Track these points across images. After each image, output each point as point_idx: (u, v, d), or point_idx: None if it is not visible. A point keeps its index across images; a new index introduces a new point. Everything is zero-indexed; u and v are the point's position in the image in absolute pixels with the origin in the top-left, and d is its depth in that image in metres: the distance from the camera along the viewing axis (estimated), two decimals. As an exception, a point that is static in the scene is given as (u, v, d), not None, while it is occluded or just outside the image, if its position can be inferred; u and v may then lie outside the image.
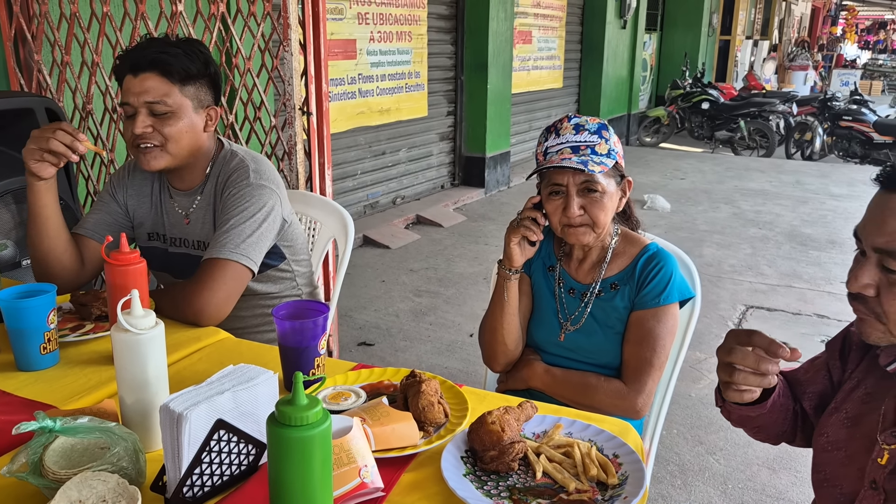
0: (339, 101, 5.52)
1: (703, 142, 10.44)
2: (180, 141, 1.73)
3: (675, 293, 1.58)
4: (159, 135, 1.71)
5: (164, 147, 1.72)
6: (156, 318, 1.17)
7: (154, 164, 1.74)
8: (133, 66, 1.69)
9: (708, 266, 4.96)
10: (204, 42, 1.92)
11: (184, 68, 1.70)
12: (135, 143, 1.71)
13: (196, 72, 1.73)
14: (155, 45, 1.71)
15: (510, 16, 7.18)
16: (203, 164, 1.83)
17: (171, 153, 1.74)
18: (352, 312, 4.17)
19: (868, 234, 1.00)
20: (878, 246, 0.97)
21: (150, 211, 1.90)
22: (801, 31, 23.33)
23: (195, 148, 1.78)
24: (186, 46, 1.74)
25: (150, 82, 1.68)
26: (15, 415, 1.22)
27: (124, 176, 1.92)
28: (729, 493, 2.56)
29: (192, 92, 1.73)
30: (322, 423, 0.87)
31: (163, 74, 1.68)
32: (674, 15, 12.56)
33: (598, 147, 1.52)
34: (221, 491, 1.05)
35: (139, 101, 1.68)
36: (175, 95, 1.70)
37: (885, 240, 0.96)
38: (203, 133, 1.79)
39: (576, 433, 1.22)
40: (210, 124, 1.80)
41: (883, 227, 0.97)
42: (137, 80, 1.68)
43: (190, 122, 1.74)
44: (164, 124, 1.70)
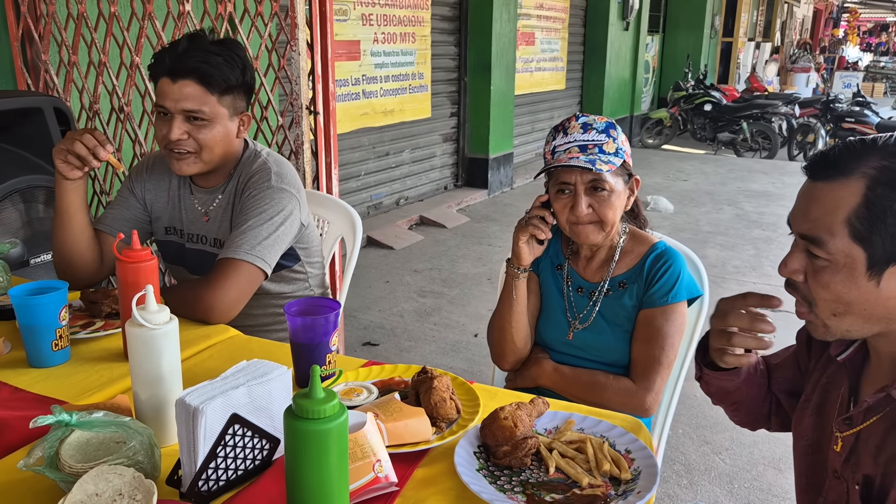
0: (342, 101, 5.53)
1: (705, 143, 10.44)
2: (214, 148, 1.74)
3: (683, 291, 1.58)
4: (194, 142, 1.71)
5: (198, 154, 1.73)
6: (170, 314, 1.17)
7: (186, 170, 1.75)
8: (172, 70, 1.66)
9: (712, 267, 4.96)
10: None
11: (224, 79, 1.69)
12: (168, 147, 1.71)
13: (235, 82, 1.72)
14: (196, 51, 1.67)
15: (513, 17, 7.19)
16: (229, 165, 1.84)
17: (204, 160, 1.75)
18: (356, 313, 4.17)
19: (794, 221, 1.03)
20: (803, 232, 1.00)
21: (168, 205, 1.91)
22: (804, 33, 23.34)
23: (227, 154, 1.80)
24: (226, 52, 1.71)
25: (189, 90, 1.67)
26: (28, 410, 1.22)
27: (143, 170, 1.93)
28: (735, 492, 2.56)
29: (229, 101, 1.73)
30: (339, 417, 0.88)
31: (202, 84, 1.67)
32: (676, 17, 12.58)
33: (605, 146, 1.52)
34: (236, 485, 1.06)
35: (177, 107, 1.67)
36: (213, 105, 1.69)
37: (808, 226, 0.99)
38: (235, 139, 1.80)
39: (588, 429, 1.23)
40: (243, 130, 1.80)
41: (807, 215, 1.00)
42: (176, 86, 1.66)
43: (224, 130, 1.74)
44: (200, 131, 1.70)
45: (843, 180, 0.96)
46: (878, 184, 0.94)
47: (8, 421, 1.20)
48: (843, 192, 0.96)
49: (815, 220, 0.98)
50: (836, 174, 0.97)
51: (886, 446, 1.00)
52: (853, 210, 0.95)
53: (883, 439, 1.01)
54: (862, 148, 0.97)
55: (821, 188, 0.99)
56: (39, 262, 2.40)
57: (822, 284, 0.99)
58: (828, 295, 0.99)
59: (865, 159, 0.96)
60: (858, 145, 0.98)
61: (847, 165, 0.97)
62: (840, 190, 0.96)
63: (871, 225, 0.94)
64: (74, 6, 2.84)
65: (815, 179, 1.01)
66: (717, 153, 10.12)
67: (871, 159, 0.95)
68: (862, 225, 0.95)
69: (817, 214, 0.98)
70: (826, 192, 0.98)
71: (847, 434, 1.07)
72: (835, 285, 0.98)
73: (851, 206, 0.95)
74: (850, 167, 0.96)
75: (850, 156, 0.97)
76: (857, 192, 0.95)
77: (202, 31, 1.77)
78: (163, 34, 2.69)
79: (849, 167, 0.96)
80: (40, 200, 2.39)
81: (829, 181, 0.98)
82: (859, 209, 0.95)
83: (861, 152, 0.97)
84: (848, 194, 0.96)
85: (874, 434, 1.03)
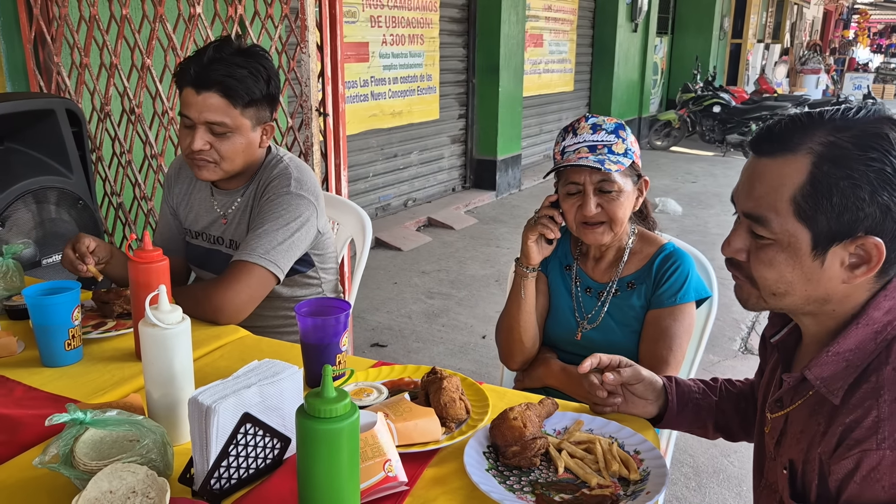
0: (351, 103, 5.54)
1: (714, 145, 10.41)
2: (235, 159, 1.75)
3: (691, 292, 1.58)
4: (216, 152, 1.72)
5: (218, 164, 1.74)
6: (182, 314, 1.18)
7: (207, 176, 1.77)
8: (196, 81, 1.67)
9: (720, 269, 4.92)
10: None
11: (247, 92, 1.69)
12: (190, 155, 1.73)
13: (259, 95, 1.72)
14: (220, 63, 1.67)
15: (522, 19, 7.19)
16: (251, 170, 1.85)
17: (225, 169, 1.76)
18: (364, 314, 4.19)
19: (738, 199, 1.00)
20: (747, 211, 0.97)
21: (192, 209, 1.94)
22: (813, 34, 23.25)
23: (249, 163, 1.81)
24: (251, 64, 1.70)
25: (213, 101, 1.67)
26: (42, 409, 1.23)
27: (171, 180, 1.98)
28: (744, 495, 2.55)
29: (252, 113, 1.73)
30: (350, 416, 0.88)
31: (226, 97, 1.67)
32: (685, 18, 12.55)
33: (614, 146, 1.53)
34: (247, 484, 1.07)
35: (200, 117, 1.68)
36: (236, 117, 1.70)
37: (751, 204, 0.96)
38: (258, 149, 1.80)
39: (596, 430, 1.23)
40: (265, 139, 1.81)
41: (751, 192, 0.97)
42: (200, 97, 1.67)
43: (247, 141, 1.75)
44: (222, 142, 1.71)
45: (789, 156, 0.93)
46: (824, 160, 0.90)
47: (22, 419, 1.21)
48: (788, 168, 0.92)
49: (760, 199, 0.95)
50: (781, 149, 0.94)
51: (807, 431, 0.98)
52: (798, 188, 0.91)
53: (805, 424, 0.99)
54: (808, 122, 0.93)
55: (766, 164, 0.95)
56: (51, 263, 2.42)
57: (766, 263, 0.96)
58: (771, 274, 0.97)
59: (812, 134, 0.92)
60: (805, 119, 0.94)
61: (793, 140, 0.93)
62: (785, 166, 0.93)
63: (815, 203, 0.90)
64: (86, 9, 2.86)
65: (760, 155, 0.97)
66: (726, 155, 10.09)
67: (818, 134, 0.91)
68: (807, 203, 0.91)
69: (761, 192, 0.95)
70: (771, 168, 0.94)
71: (776, 416, 1.05)
72: (778, 264, 0.95)
73: (797, 183, 0.91)
74: (796, 142, 0.92)
75: (796, 130, 0.93)
76: (802, 170, 0.91)
77: (228, 38, 1.76)
78: (174, 36, 2.71)
79: (794, 142, 0.92)
80: (52, 201, 2.41)
81: (774, 157, 0.94)
82: (805, 187, 0.91)
83: (807, 126, 0.93)
84: (793, 171, 0.92)
85: (798, 418, 1.01)
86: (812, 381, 0.96)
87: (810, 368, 0.96)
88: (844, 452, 0.89)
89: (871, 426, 0.87)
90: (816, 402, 0.97)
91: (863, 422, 0.88)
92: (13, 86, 3.00)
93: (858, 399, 0.91)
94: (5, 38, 2.95)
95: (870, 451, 0.86)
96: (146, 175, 3.09)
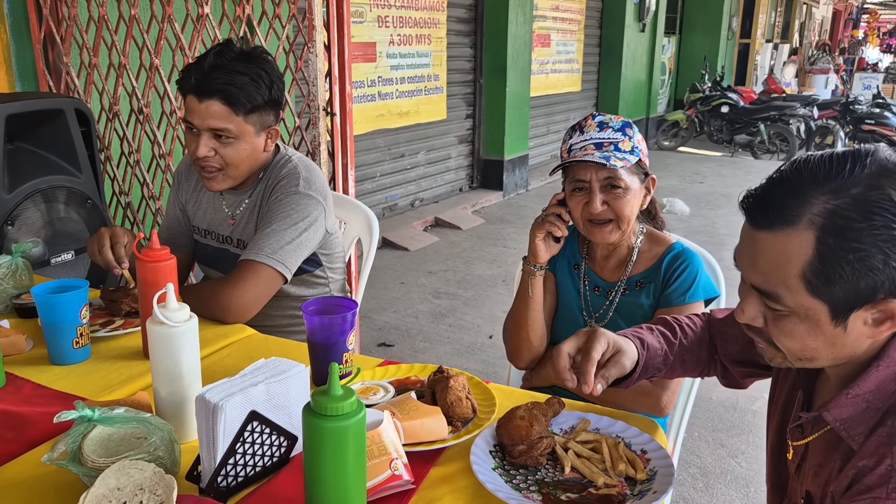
0: (358, 103, 5.55)
1: (722, 145, 10.38)
2: (240, 165, 1.76)
3: (700, 291, 1.58)
4: (220, 158, 1.73)
5: (224, 171, 1.75)
6: (189, 312, 1.19)
7: (215, 187, 1.78)
8: (197, 89, 1.67)
9: (728, 269, 4.89)
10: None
11: (249, 100, 1.69)
12: (196, 163, 1.74)
13: (261, 101, 1.72)
14: (221, 70, 1.66)
15: (529, 19, 7.19)
16: (258, 171, 1.85)
17: (232, 176, 1.77)
18: (371, 314, 4.19)
19: (744, 269, 0.94)
20: (755, 285, 0.92)
21: (200, 207, 1.95)
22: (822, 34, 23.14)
23: (254, 167, 1.81)
24: (252, 70, 1.69)
25: (215, 109, 1.67)
26: (50, 406, 1.24)
27: (181, 177, 2.00)
28: (751, 496, 2.54)
29: (255, 118, 1.73)
30: (357, 414, 0.88)
31: (228, 105, 1.67)
32: (693, 18, 12.52)
33: (621, 144, 1.53)
34: (254, 482, 1.07)
35: (203, 124, 1.69)
36: (239, 124, 1.70)
37: (759, 279, 0.91)
38: (263, 152, 1.81)
39: (603, 429, 1.23)
40: (270, 143, 1.81)
41: (755, 266, 0.91)
42: (202, 105, 1.67)
43: (251, 146, 1.75)
44: (226, 148, 1.72)
45: (788, 230, 0.86)
46: (828, 234, 0.84)
47: (31, 417, 1.22)
48: (790, 244, 0.86)
49: (767, 275, 0.90)
50: (779, 223, 0.87)
51: (825, 466, 0.96)
52: (806, 265, 0.86)
53: (823, 458, 0.97)
54: (801, 186, 0.87)
55: (765, 239, 0.89)
56: (60, 262, 2.43)
57: (786, 333, 0.92)
58: (794, 344, 0.93)
59: (808, 202, 0.85)
60: (796, 182, 0.87)
61: (789, 212, 0.86)
62: (787, 242, 0.87)
63: (827, 279, 0.85)
64: (95, 9, 2.88)
65: (756, 227, 0.90)
66: (734, 155, 10.06)
67: (815, 202, 0.85)
68: (818, 280, 0.86)
69: (768, 269, 0.90)
70: (773, 243, 0.88)
71: (798, 444, 1.03)
72: (799, 335, 0.91)
73: (804, 260, 0.86)
74: (794, 214, 0.86)
75: (790, 199, 0.87)
76: (807, 245, 0.85)
77: (230, 42, 1.76)
78: (182, 36, 2.72)
79: (792, 214, 0.86)
80: (61, 201, 2.42)
81: (772, 230, 0.88)
82: (813, 264, 0.85)
83: (801, 192, 0.86)
84: (797, 247, 0.86)
85: (817, 451, 0.99)
86: (831, 423, 0.94)
87: (829, 410, 0.93)
88: (855, 496, 0.87)
89: (884, 474, 0.85)
90: (835, 437, 0.95)
91: (876, 469, 0.86)
92: (23, 86, 3.02)
93: (874, 444, 0.89)
94: (15, 38, 2.97)
95: (879, 499, 0.84)
96: (154, 174, 3.10)
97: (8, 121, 2.17)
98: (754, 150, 9.95)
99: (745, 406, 3.15)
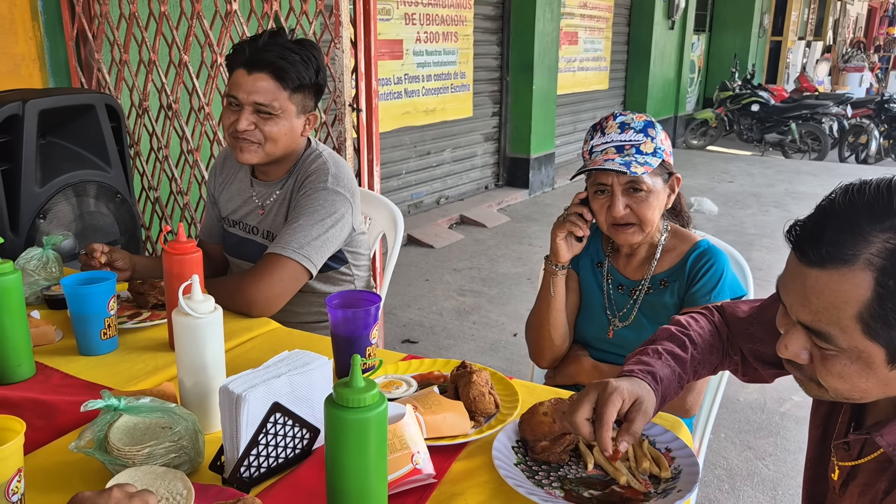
0: (385, 100, 5.56)
1: (752, 145, 10.24)
2: (278, 142, 1.78)
3: (726, 290, 1.55)
4: (260, 133, 1.75)
5: (262, 145, 1.77)
6: (214, 304, 1.20)
7: (248, 159, 1.79)
8: (249, 62, 1.71)
9: (757, 270, 4.84)
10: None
11: (298, 76, 1.73)
12: (234, 135, 1.76)
13: (308, 81, 1.75)
14: (274, 46, 1.72)
15: (556, 16, 7.15)
16: (290, 161, 1.87)
17: (267, 152, 1.79)
18: (396, 310, 4.20)
19: (792, 305, 0.88)
20: (805, 323, 0.86)
21: (232, 197, 1.98)
22: (857, 31, 22.70)
23: (290, 149, 1.83)
24: (304, 52, 1.74)
25: (263, 83, 1.71)
26: (78, 395, 1.26)
27: (216, 170, 2.03)
28: (779, 499, 2.50)
29: (300, 99, 1.77)
30: (378, 406, 0.88)
31: (277, 79, 1.71)
32: (723, 15, 12.35)
33: (643, 146, 1.50)
34: (276, 473, 1.07)
35: (248, 98, 1.72)
36: (283, 100, 1.73)
37: (810, 318, 0.85)
38: (300, 137, 1.83)
39: (627, 427, 1.21)
40: (308, 128, 1.83)
41: (807, 306, 0.85)
42: (251, 77, 1.71)
43: (290, 126, 1.78)
44: (266, 123, 1.74)
45: (844, 270, 0.80)
46: (888, 276, 0.78)
47: (59, 405, 1.24)
48: (846, 284, 0.80)
49: (819, 314, 0.84)
50: (832, 262, 0.81)
51: (871, 486, 0.93)
52: (864, 307, 0.80)
53: (871, 478, 0.93)
54: (857, 222, 0.80)
55: (818, 277, 0.82)
56: (90, 255, 2.46)
57: (835, 375, 0.86)
58: (843, 385, 0.87)
59: (866, 240, 0.79)
60: (851, 218, 0.81)
61: (845, 251, 0.80)
62: (843, 282, 0.81)
63: (886, 322, 0.80)
64: (126, 6, 2.91)
65: (807, 264, 0.84)
66: (764, 154, 9.91)
67: (874, 240, 0.79)
68: (877, 323, 0.80)
69: (820, 308, 0.83)
70: (827, 283, 0.82)
71: (845, 465, 0.99)
72: (850, 376, 0.85)
73: (861, 301, 0.80)
74: (849, 254, 0.80)
75: (844, 235, 0.81)
76: (864, 287, 0.80)
77: (283, 28, 1.81)
78: (210, 33, 2.75)
79: (847, 253, 0.80)
80: (91, 195, 2.46)
81: (825, 269, 0.82)
82: (871, 306, 0.80)
83: (858, 229, 0.80)
84: (854, 287, 0.80)
85: (865, 471, 0.95)
86: (884, 447, 0.90)
87: (883, 435, 0.89)
88: None
89: None
90: (885, 459, 0.92)
91: None
92: (56, 82, 3.07)
93: None
94: (49, 35, 3.02)
95: None
96: (182, 170, 3.14)
97: (41, 116, 2.21)
98: (785, 150, 9.80)
99: (773, 408, 3.10)
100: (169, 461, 1.02)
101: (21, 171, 2.16)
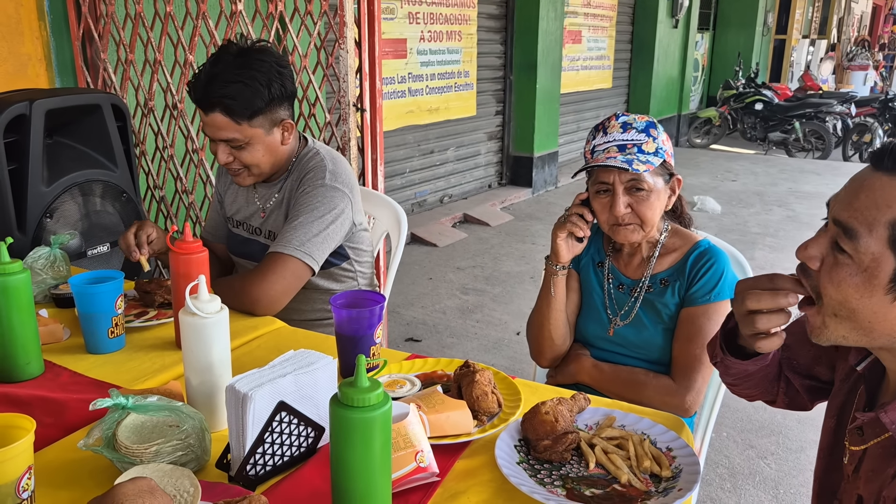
0: (388, 99, 5.57)
1: (755, 143, 10.22)
2: (261, 164, 1.81)
3: (726, 290, 1.56)
4: (240, 162, 1.79)
5: (248, 171, 1.81)
6: (220, 304, 1.21)
7: (243, 182, 1.85)
8: (200, 103, 1.72)
9: (760, 269, 4.85)
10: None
11: (247, 105, 1.70)
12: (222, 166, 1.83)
13: (261, 104, 1.72)
14: (217, 80, 1.68)
15: (560, 15, 7.15)
16: (287, 163, 1.89)
17: (256, 174, 1.83)
18: (399, 309, 4.21)
19: (834, 205, 0.94)
20: (839, 218, 0.91)
21: (237, 199, 2.01)
22: (862, 29, 22.63)
23: (279, 162, 1.86)
24: (247, 75, 1.68)
25: (220, 120, 1.71)
26: (86, 394, 1.27)
27: (222, 169, 2.05)
28: (780, 498, 2.51)
29: (261, 121, 1.75)
30: (383, 405, 0.90)
31: (228, 115, 1.71)
32: (727, 14, 12.33)
33: (645, 145, 1.51)
34: (282, 471, 1.09)
35: (216, 136, 1.75)
36: (245, 130, 1.74)
37: (847, 214, 0.90)
38: (282, 146, 1.84)
39: (629, 426, 1.23)
40: (287, 136, 1.82)
41: (852, 202, 0.90)
42: (208, 118, 1.73)
43: (265, 146, 1.79)
44: (242, 154, 1.77)
45: None
46: None
47: (68, 403, 1.25)
48: None
49: (858, 211, 0.89)
50: None
51: (878, 471, 0.94)
52: None
53: (879, 463, 0.95)
54: None
55: (879, 179, 0.89)
56: (96, 254, 2.48)
57: (835, 282, 0.91)
58: (837, 295, 0.92)
59: None
60: None
61: None
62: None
63: None
64: (132, 6, 2.93)
65: (877, 168, 0.90)
66: (768, 153, 9.90)
67: None
68: None
69: (862, 205, 0.89)
70: (884, 184, 0.88)
71: (856, 449, 1.01)
72: (847, 287, 0.90)
73: None
74: None
75: None
76: None
77: (228, 44, 1.76)
78: (215, 33, 2.76)
79: None
80: (97, 194, 2.47)
81: (890, 174, 0.88)
82: None
83: None
84: None
85: (874, 456, 0.97)
86: (888, 425, 0.92)
87: (886, 412, 0.92)
88: None
89: None
90: (892, 443, 0.94)
91: None
92: (62, 81, 3.09)
93: None
94: (55, 35, 3.04)
95: None
96: (187, 169, 3.16)
97: (47, 116, 2.22)
98: (789, 149, 9.78)
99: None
100: (176, 459, 1.04)
101: (28, 170, 2.18)
